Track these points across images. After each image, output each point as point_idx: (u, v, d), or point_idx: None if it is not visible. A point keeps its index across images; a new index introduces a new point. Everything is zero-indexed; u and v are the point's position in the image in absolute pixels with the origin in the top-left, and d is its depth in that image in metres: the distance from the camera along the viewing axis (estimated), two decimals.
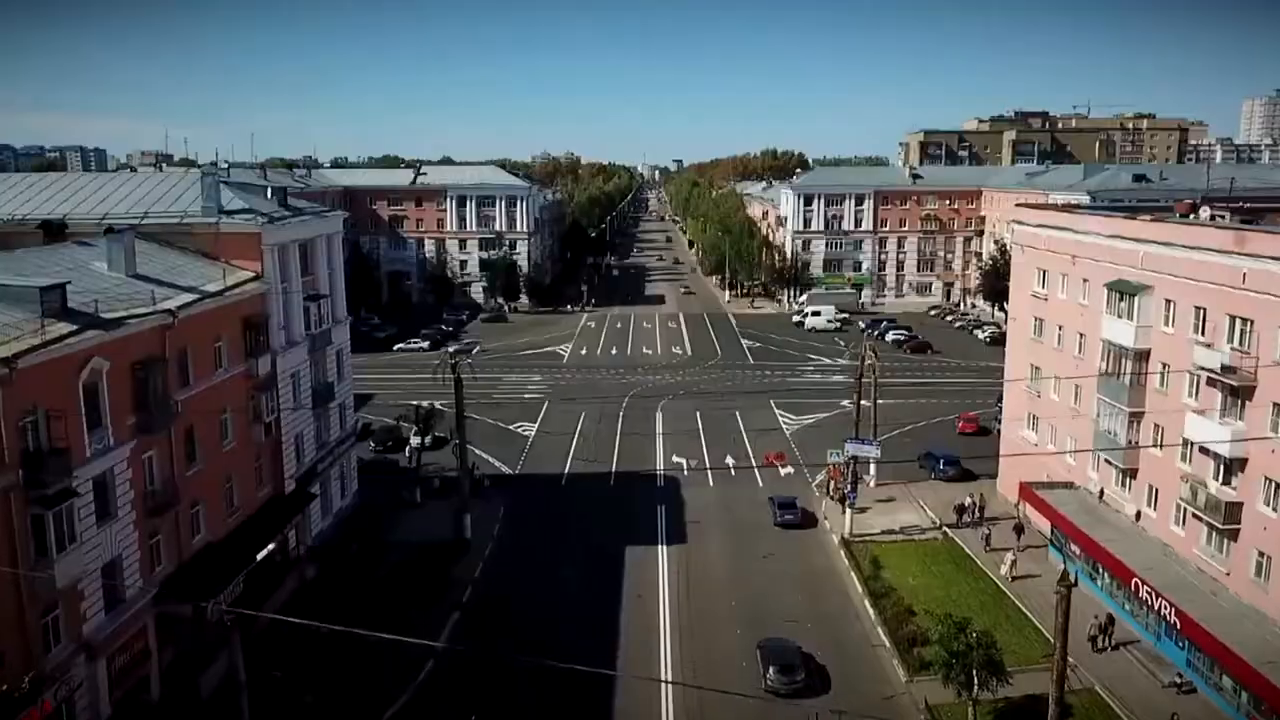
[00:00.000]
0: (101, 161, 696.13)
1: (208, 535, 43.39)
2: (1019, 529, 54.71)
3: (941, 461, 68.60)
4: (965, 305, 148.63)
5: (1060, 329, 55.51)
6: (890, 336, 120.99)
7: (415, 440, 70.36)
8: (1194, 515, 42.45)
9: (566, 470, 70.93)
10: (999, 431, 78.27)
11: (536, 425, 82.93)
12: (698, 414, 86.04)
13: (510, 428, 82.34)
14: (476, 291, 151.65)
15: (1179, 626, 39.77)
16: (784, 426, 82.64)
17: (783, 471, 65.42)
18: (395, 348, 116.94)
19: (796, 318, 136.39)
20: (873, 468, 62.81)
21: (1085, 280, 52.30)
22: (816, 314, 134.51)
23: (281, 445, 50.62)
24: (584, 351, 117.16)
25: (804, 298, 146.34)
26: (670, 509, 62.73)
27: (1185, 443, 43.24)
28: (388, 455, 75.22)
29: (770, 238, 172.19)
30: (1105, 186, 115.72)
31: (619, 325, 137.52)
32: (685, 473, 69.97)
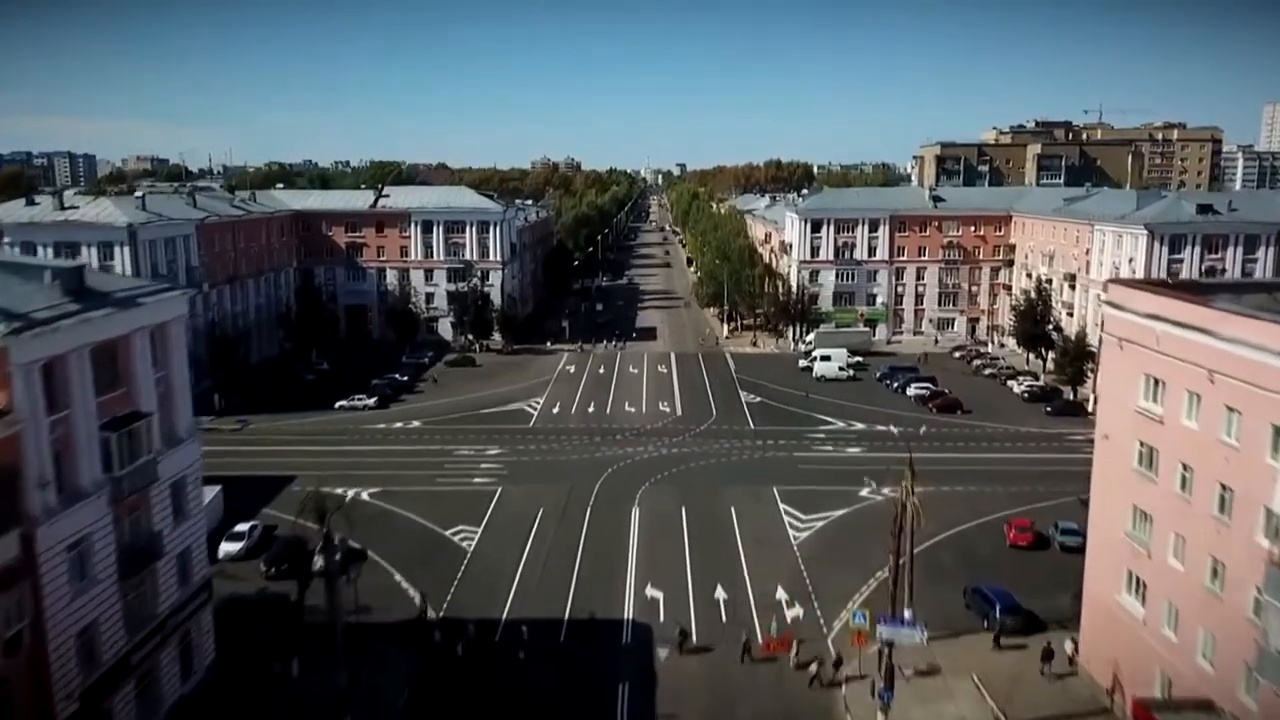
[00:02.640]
0: (91, 168, 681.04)
1: None
2: None
3: (998, 607, 52.03)
4: (992, 342, 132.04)
5: (1186, 470, 38.87)
6: (912, 391, 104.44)
7: (319, 560, 53.70)
8: None
9: (505, 614, 54.37)
10: (1061, 544, 62.11)
11: (480, 531, 66.41)
12: (683, 511, 69.60)
13: (447, 534, 65.87)
14: (445, 327, 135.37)
15: None
16: (790, 532, 66.09)
17: (791, 659, 48.54)
18: (337, 405, 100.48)
19: (804, 362, 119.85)
20: (918, 634, 45.56)
21: (1234, 411, 35.68)
22: (826, 359, 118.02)
23: (48, 658, 34.22)
24: (556, 409, 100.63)
25: (811, 336, 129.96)
26: (636, 693, 46.27)
27: None
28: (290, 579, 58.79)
29: (773, 264, 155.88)
30: (1165, 219, 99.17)
31: (601, 370, 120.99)
32: (660, 620, 53.42)
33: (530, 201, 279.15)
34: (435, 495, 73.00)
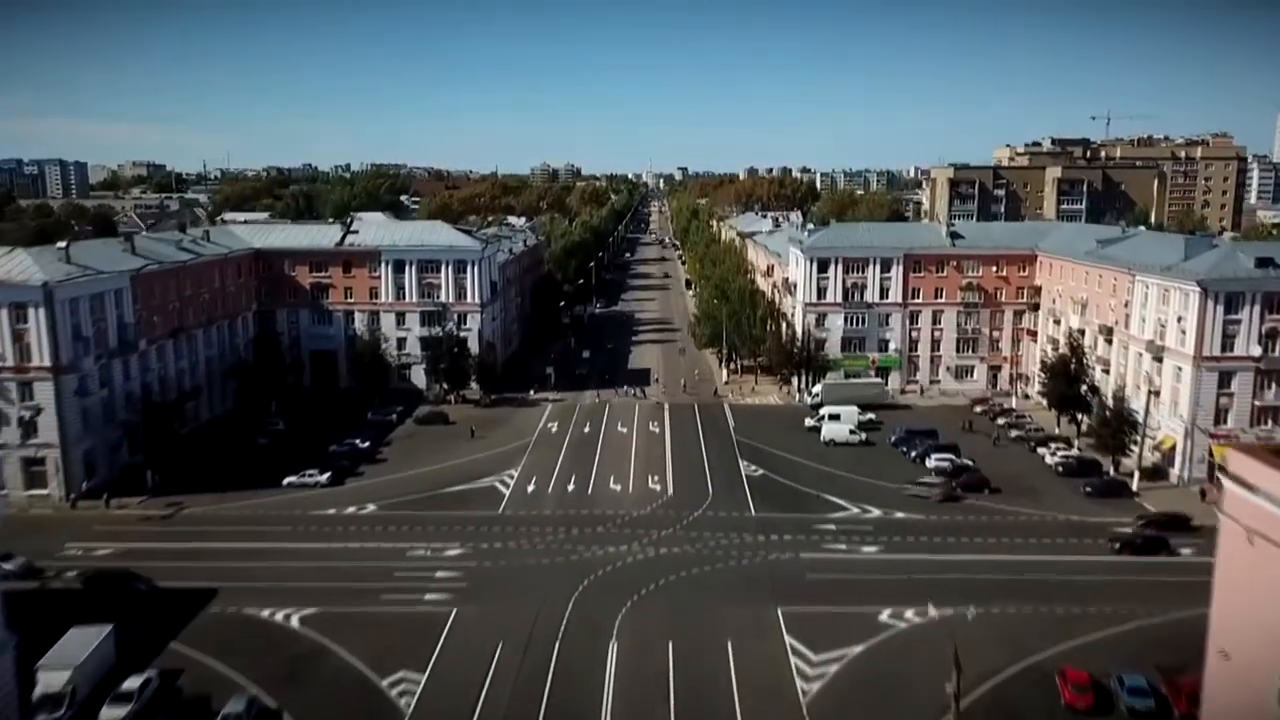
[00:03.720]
0: (83, 175, 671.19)
1: None
2: None
3: None
4: (1016, 392, 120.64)
5: None
6: (932, 463, 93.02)
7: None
8: None
9: None
10: (1129, 707, 50.88)
11: (424, 680, 55.13)
12: (670, 647, 58.25)
13: (384, 685, 54.58)
14: (418, 374, 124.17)
15: None
16: (798, 682, 54.75)
17: None
18: (285, 481, 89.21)
19: (810, 421, 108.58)
20: None
21: None
22: (835, 418, 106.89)
23: None
24: (531, 486, 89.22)
25: (817, 389, 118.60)
26: None
27: None
28: None
29: (776, 301, 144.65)
30: (1219, 274, 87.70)
31: (587, 428, 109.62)
32: None
33: (524, 220, 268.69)
34: (379, 621, 61.78)
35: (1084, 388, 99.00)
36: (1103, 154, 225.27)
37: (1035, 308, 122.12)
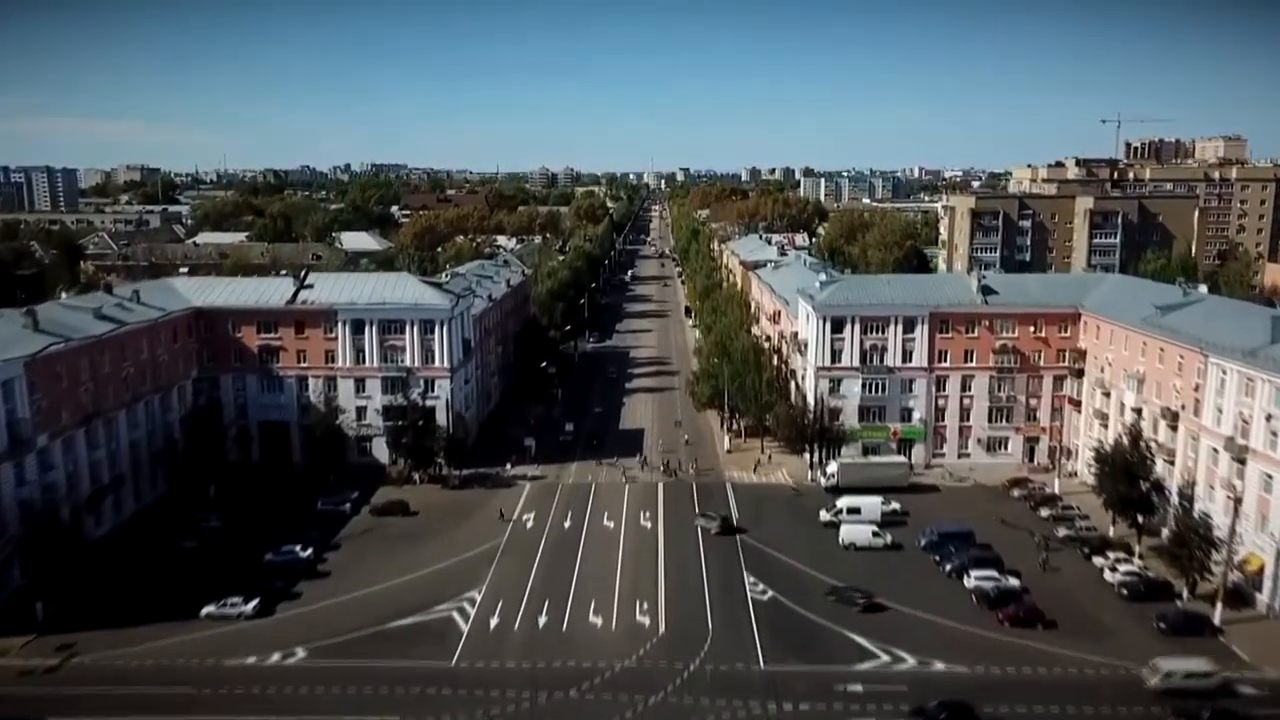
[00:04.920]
0: (71, 183, 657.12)
1: None
2: None
3: None
4: (1057, 469, 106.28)
5: None
6: (972, 582, 78.63)
7: None
8: None
9: None
10: None
11: None
12: None
13: None
14: (380, 447, 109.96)
15: None
16: None
17: None
18: (203, 612, 74.94)
19: (826, 515, 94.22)
20: None
21: None
22: (854, 512, 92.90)
23: None
24: (496, 620, 74.63)
25: (832, 468, 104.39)
26: None
27: None
28: None
29: (784, 352, 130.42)
30: None
31: (568, 523, 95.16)
32: None
33: (514, 242, 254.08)
34: None
35: (1147, 486, 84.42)
36: (1130, 175, 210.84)
37: (1079, 374, 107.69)
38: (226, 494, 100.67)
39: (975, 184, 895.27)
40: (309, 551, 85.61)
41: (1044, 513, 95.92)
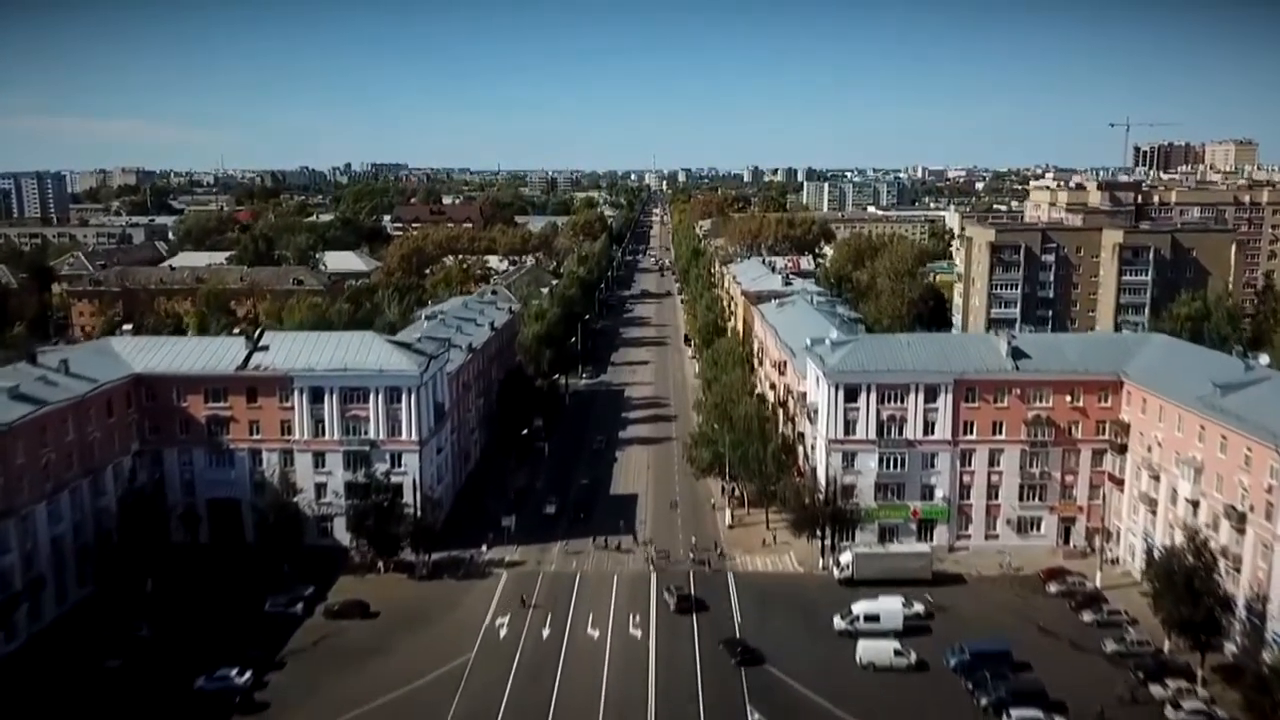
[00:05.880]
0: (61, 189, 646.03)
1: None
2: None
3: None
4: (1098, 555, 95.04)
5: None
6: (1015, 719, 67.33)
7: None
8: None
9: None
10: None
11: None
12: None
13: None
14: (341, 527, 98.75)
15: None
16: None
17: None
18: None
19: (841, 622, 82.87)
20: None
21: None
22: (873, 619, 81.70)
23: None
24: None
25: (847, 557, 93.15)
26: None
27: None
28: None
29: (790, 408, 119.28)
30: None
31: (546, 631, 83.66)
32: None
33: (507, 266, 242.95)
34: None
35: (1210, 602, 73.00)
36: (1156, 199, 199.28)
37: (1121, 449, 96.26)
38: (166, 589, 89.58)
39: (979, 184, 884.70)
40: (247, 676, 74.23)
41: (1086, 616, 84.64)
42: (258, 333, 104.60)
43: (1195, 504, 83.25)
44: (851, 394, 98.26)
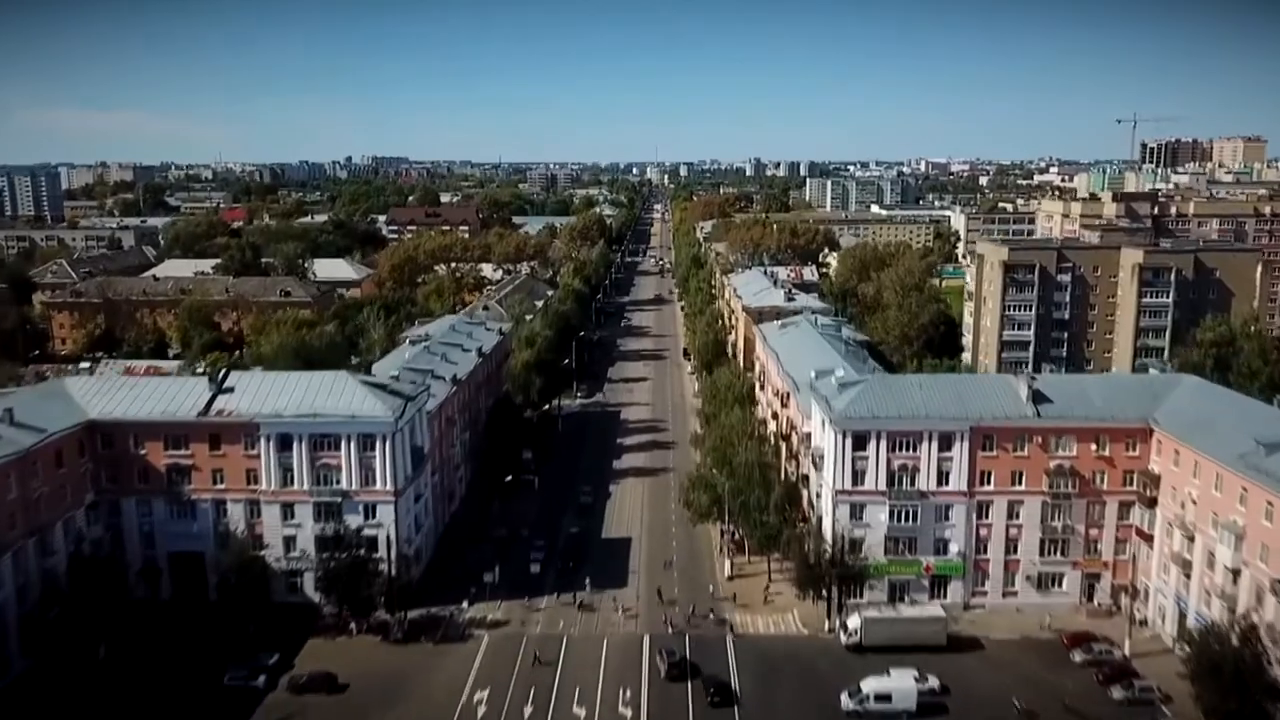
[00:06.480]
0: (54, 185, 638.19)
1: None
2: None
3: None
4: (1126, 615, 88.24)
5: None
6: None
7: None
8: None
9: None
10: None
11: None
12: None
13: None
14: (310, 582, 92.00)
15: None
16: None
17: None
18: None
19: (850, 703, 76.01)
20: None
21: None
22: (884, 699, 74.93)
23: None
24: None
25: (855, 621, 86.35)
26: None
27: None
28: None
29: (792, 444, 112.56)
30: None
31: (529, 709, 77.02)
32: None
33: (499, 274, 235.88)
34: None
35: (1260, 694, 66.19)
36: (1173, 210, 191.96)
37: (1151, 503, 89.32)
38: (120, 655, 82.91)
39: (983, 179, 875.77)
40: None
41: (1116, 693, 77.70)
42: (222, 373, 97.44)
43: (1236, 573, 76.33)
44: (860, 442, 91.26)
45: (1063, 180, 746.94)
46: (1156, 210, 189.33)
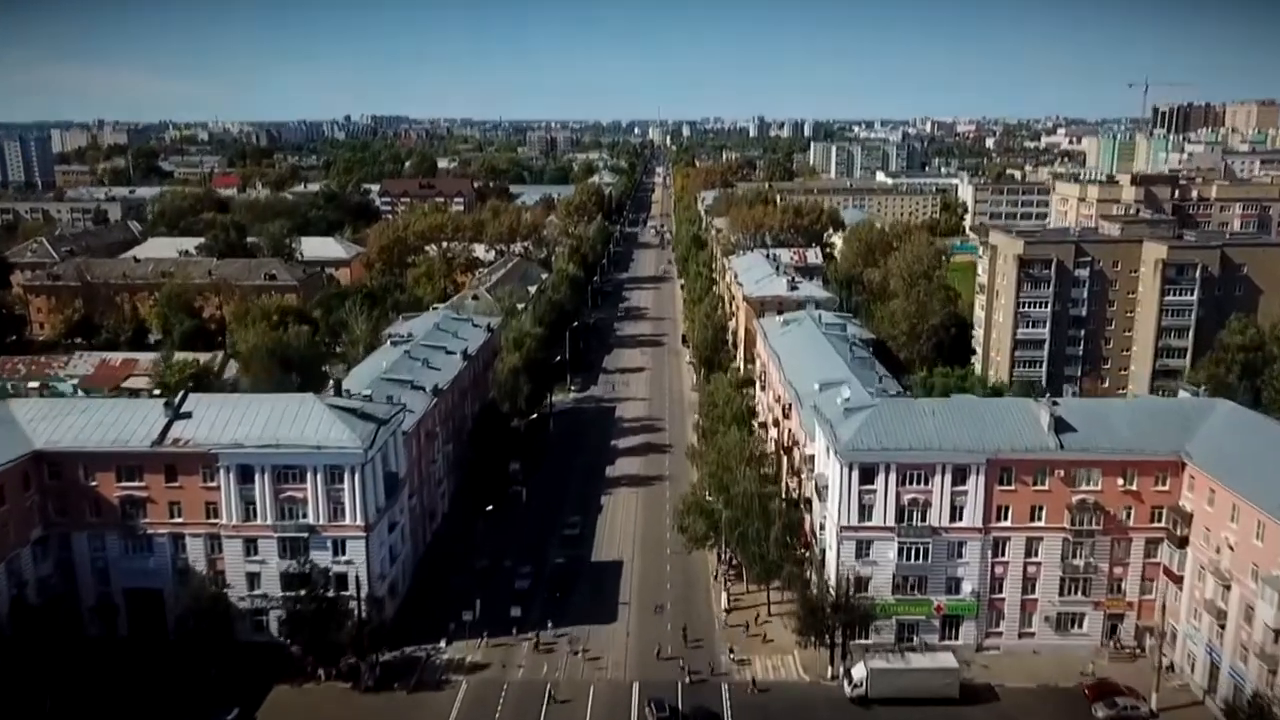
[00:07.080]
0: (44, 150, 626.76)
1: None
2: None
3: None
4: (1150, 656, 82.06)
5: None
6: None
7: None
8: None
9: None
10: None
11: None
12: None
13: None
14: (276, 623, 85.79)
15: None
16: None
17: None
18: None
19: None
20: None
21: None
22: None
23: None
24: None
25: (860, 671, 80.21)
26: None
27: None
28: None
29: (794, 462, 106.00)
30: None
31: None
32: None
33: (491, 255, 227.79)
34: None
35: None
36: (1194, 194, 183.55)
37: (1181, 542, 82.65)
38: (68, 705, 76.93)
39: (989, 141, 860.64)
40: None
41: None
42: (179, 396, 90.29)
43: (1278, 634, 69.84)
44: (867, 475, 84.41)
45: (1070, 142, 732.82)
46: (1178, 194, 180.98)
